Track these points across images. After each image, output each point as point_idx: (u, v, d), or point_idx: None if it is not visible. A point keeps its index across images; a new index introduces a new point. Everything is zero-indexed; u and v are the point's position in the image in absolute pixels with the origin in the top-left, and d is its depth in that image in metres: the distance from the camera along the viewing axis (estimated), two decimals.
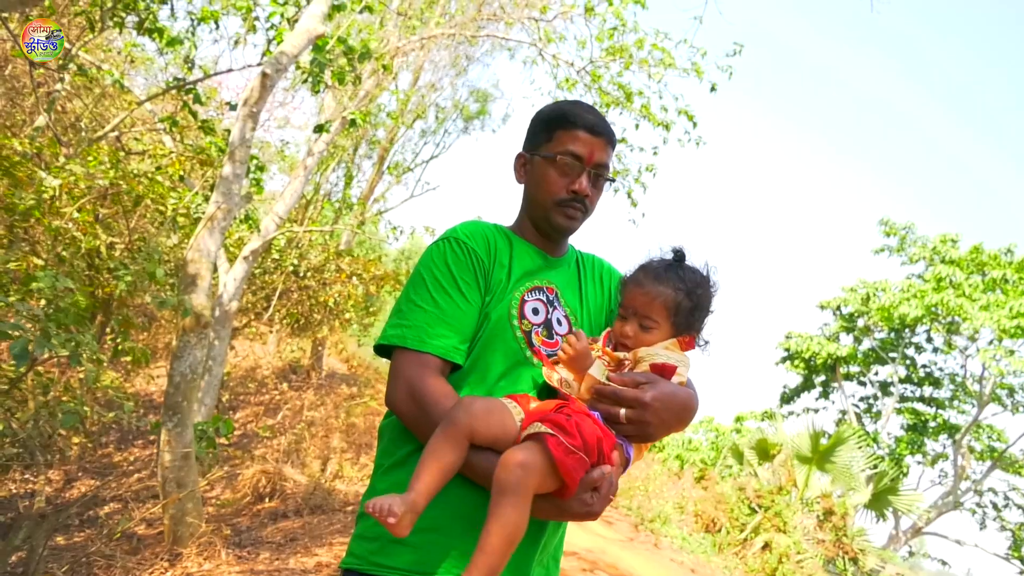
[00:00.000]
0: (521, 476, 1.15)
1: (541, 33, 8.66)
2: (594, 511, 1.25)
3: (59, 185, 4.56)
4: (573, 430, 1.21)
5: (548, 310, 1.54)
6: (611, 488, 1.27)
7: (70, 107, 8.49)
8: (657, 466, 12.19)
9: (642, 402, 1.29)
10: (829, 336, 18.39)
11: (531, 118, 1.66)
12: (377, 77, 8.90)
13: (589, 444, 1.21)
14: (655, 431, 1.31)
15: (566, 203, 1.56)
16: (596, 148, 1.56)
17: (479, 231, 1.56)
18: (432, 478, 1.20)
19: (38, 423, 3.88)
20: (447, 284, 1.46)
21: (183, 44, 7.31)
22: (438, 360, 1.40)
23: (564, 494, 1.21)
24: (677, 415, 1.35)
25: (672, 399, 1.33)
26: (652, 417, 1.29)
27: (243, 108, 4.83)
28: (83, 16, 6.29)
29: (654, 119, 7.84)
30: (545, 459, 1.18)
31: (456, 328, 1.43)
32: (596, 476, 1.23)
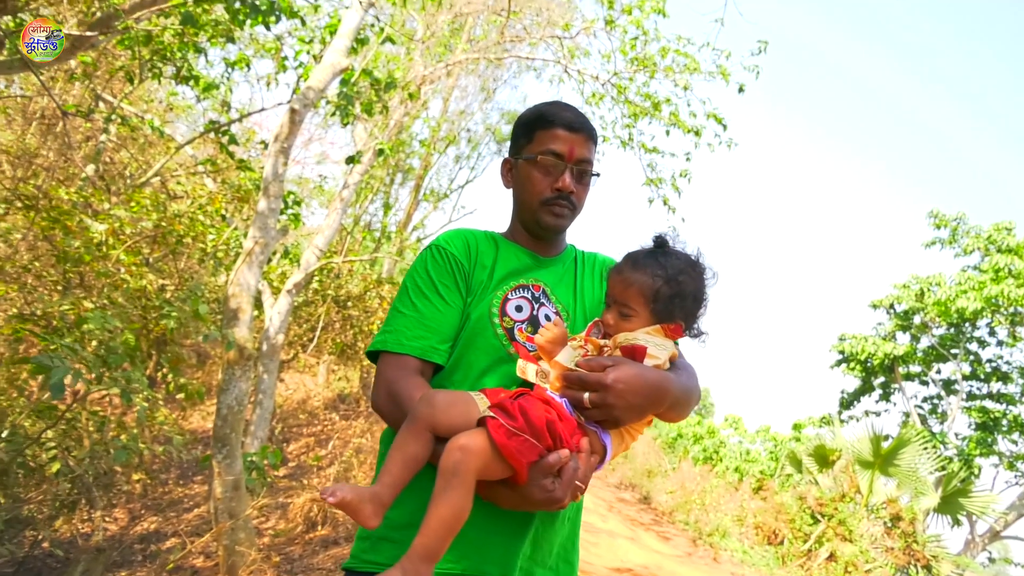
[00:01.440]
0: (460, 459, 1.15)
1: (565, 50, 8.71)
2: (555, 497, 1.22)
3: (106, 230, 4.74)
4: (515, 412, 1.20)
5: (534, 307, 1.54)
6: (575, 474, 1.24)
7: (117, 157, 8.86)
8: (714, 479, 11.92)
9: (603, 384, 1.26)
10: (885, 336, 17.81)
11: (513, 123, 1.69)
12: (406, 106, 9.06)
13: (536, 426, 1.20)
14: (621, 413, 1.27)
15: (552, 201, 1.58)
16: (576, 144, 1.57)
17: (459, 236, 1.60)
18: (396, 469, 1.22)
19: (93, 460, 4.00)
20: (427, 289, 1.51)
21: (219, 89, 7.59)
22: (417, 361, 1.45)
23: (517, 480, 1.20)
24: (646, 396, 1.29)
25: (637, 380, 1.28)
26: (615, 399, 1.26)
27: (274, 144, 4.97)
28: (123, 70, 6.60)
29: (684, 125, 7.79)
30: (487, 443, 1.17)
31: (434, 329, 1.47)
32: (552, 460, 1.21)
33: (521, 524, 1.39)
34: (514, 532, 1.38)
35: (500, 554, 1.37)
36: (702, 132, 7.80)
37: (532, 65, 11.49)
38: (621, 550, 7.11)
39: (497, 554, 1.37)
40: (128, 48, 6.15)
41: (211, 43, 6.54)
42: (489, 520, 1.35)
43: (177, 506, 8.53)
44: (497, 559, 1.36)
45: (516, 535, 1.39)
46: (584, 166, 1.59)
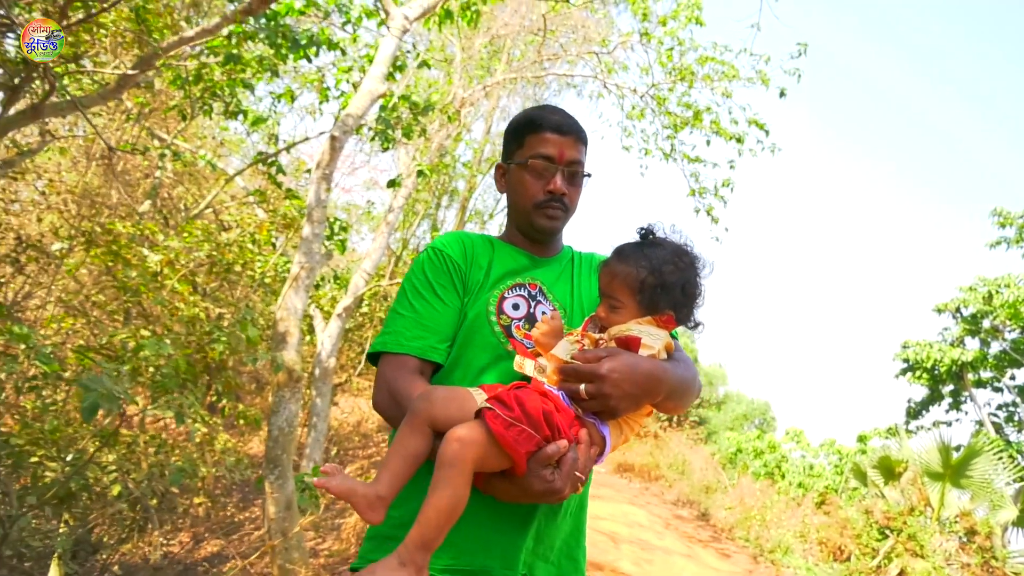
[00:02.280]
0: (458, 449, 1.17)
1: (602, 66, 8.74)
2: (555, 488, 1.23)
3: (160, 260, 4.94)
4: (512, 403, 1.21)
5: (530, 304, 1.56)
6: (575, 465, 1.25)
7: (175, 192, 9.24)
8: (775, 494, 11.58)
9: (598, 375, 1.27)
10: (952, 342, 17.08)
11: (505, 129, 1.72)
12: (447, 129, 9.20)
13: (533, 417, 1.20)
14: (617, 403, 1.28)
15: (545, 204, 1.61)
16: (566, 147, 1.60)
17: (456, 239, 1.63)
18: (396, 465, 1.24)
19: (151, 482, 4.14)
20: (424, 290, 1.54)
21: (266, 122, 7.86)
22: (416, 360, 1.47)
23: (516, 471, 1.21)
24: (641, 386, 1.30)
25: (631, 369, 1.29)
26: (611, 389, 1.27)
27: (316, 171, 5.11)
28: (176, 108, 6.90)
29: (725, 133, 7.70)
30: (485, 434, 1.19)
31: (433, 329, 1.50)
32: (550, 451, 1.21)
33: (523, 518, 1.40)
34: (516, 527, 1.39)
35: (502, 549, 1.38)
36: (744, 139, 7.70)
37: (571, 82, 11.55)
38: (677, 567, 6.96)
39: (499, 549, 1.38)
40: (180, 87, 6.44)
41: (256, 79, 6.78)
42: (491, 515, 1.37)
43: (239, 529, 8.74)
44: (499, 554, 1.38)
45: (518, 530, 1.40)
46: (575, 167, 1.62)
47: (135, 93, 6.90)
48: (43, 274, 7.17)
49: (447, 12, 6.44)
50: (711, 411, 24.76)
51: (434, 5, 5.66)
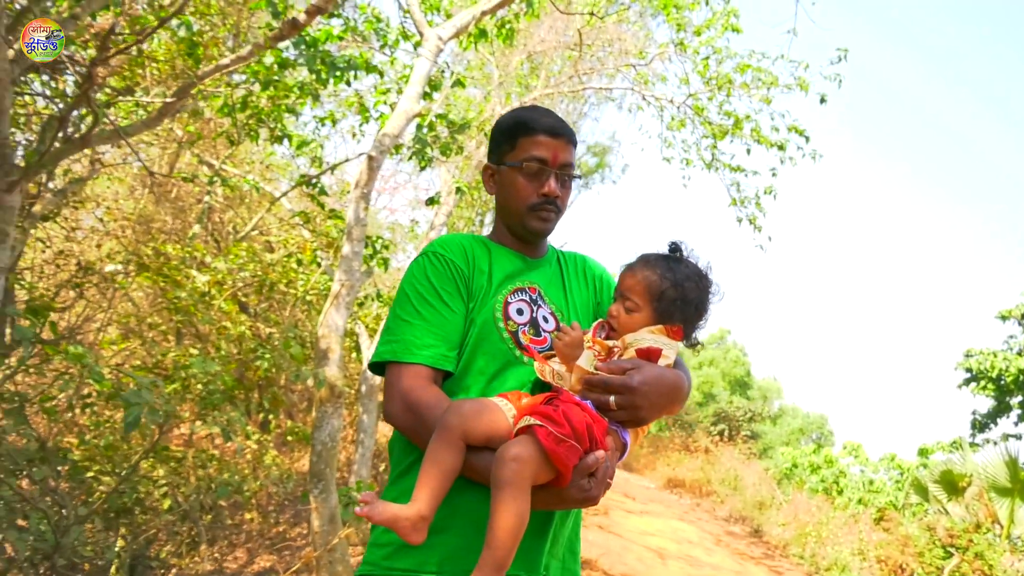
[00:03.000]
0: (517, 469, 1.19)
1: (640, 78, 8.73)
2: (592, 495, 1.27)
3: (207, 281, 5.12)
4: (561, 419, 1.23)
5: (533, 309, 1.58)
6: (607, 472, 1.29)
7: (227, 217, 9.55)
8: (831, 510, 11.22)
9: (630, 387, 1.31)
10: (1019, 350, 16.34)
11: (492, 129, 1.73)
12: (486, 146, 9.28)
13: (579, 431, 1.24)
14: (647, 414, 1.34)
15: (538, 207, 1.62)
16: (559, 150, 1.61)
17: (455, 242, 1.63)
18: (434, 483, 1.25)
19: (199, 496, 4.27)
20: (430, 296, 1.52)
21: (310, 145, 8.08)
22: (428, 369, 1.46)
23: (560, 483, 1.24)
24: (667, 396, 1.36)
25: (659, 381, 1.35)
26: (641, 401, 1.31)
27: (355, 191, 5.23)
28: (223, 136, 7.15)
29: (766, 141, 7.60)
30: (537, 450, 1.21)
31: (442, 337, 1.49)
32: (590, 462, 1.25)
33: (543, 523, 1.42)
34: (537, 532, 1.41)
35: (525, 554, 1.39)
36: (786, 146, 7.58)
37: (610, 96, 11.54)
38: None
39: (523, 554, 1.38)
40: (227, 114, 6.68)
41: (300, 105, 6.99)
42: None
43: (290, 545, 8.90)
44: (522, 559, 1.38)
45: (540, 534, 1.42)
46: (567, 170, 1.63)
47: (185, 122, 7.19)
48: (102, 298, 7.49)
49: (481, 31, 6.54)
50: (765, 425, 24.17)
51: (467, 25, 5.75)
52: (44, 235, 7.93)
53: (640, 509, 10.01)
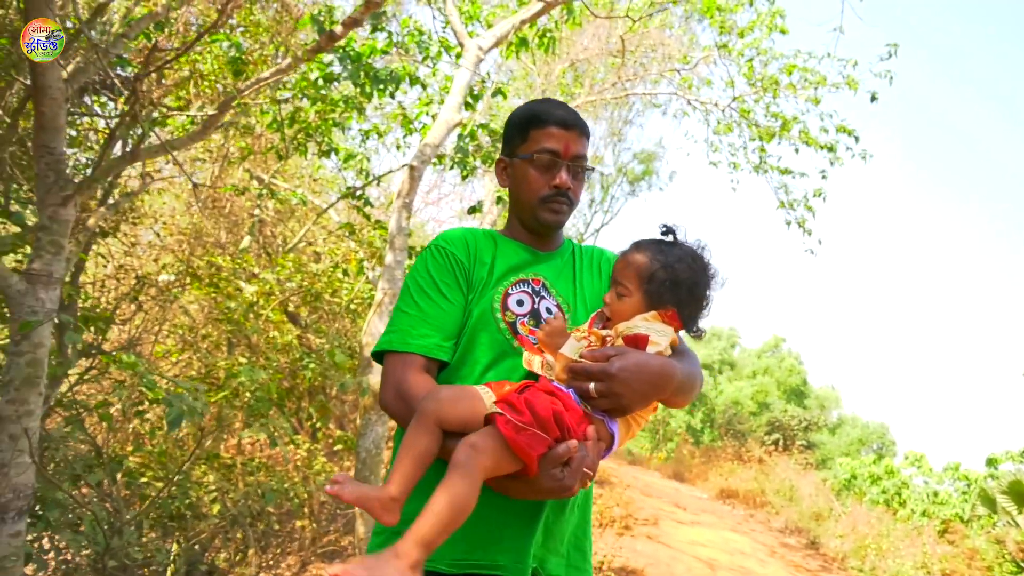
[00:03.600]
0: (470, 455, 1.18)
1: (683, 82, 8.64)
2: (566, 485, 1.23)
3: (255, 291, 5.24)
4: (522, 407, 1.21)
5: (535, 300, 1.56)
6: (583, 462, 1.24)
7: (278, 230, 9.79)
8: (892, 522, 10.81)
9: (609, 374, 1.27)
10: None
11: (505, 123, 1.73)
12: None
13: (543, 419, 1.21)
14: (628, 401, 1.29)
15: (550, 199, 1.61)
16: (571, 141, 1.60)
17: (459, 235, 1.64)
18: (406, 466, 1.25)
19: (247, 502, 4.36)
20: (428, 288, 1.55)
21: (356, 158, 8.23)
22: (422, 359, 1.48)
23: (529, 472, 1.21)
24: (650, 383, 1.31)
25: (642, 368, 1.30)
26: (621, 388, 1.27)
27: (397, 201, 5.29)
28: (273, 151, 7.35)
29: (814, 142, 7.41)
30: (498, 440, 1.19)
31: (437, 327, 1.51)
32: (560, 451, 1.21)
33: (532, 514, 1.40)
34: (525, 522, 1.39)
35: (512, 544, 1.38)
36: (836, 147, 7.38)
37: (655, 102, 11.45)
38: None
39: (509, 544, 1.38)
40: (276, 130, 6.86)
41: (347, 120, 7.13)
42: (501, 512, 1.37)
43: (342, 553, 9.01)
44: (509, 549, 1.38)
45: (527, 525, 1.40)
46: (579, 162, 1.62)
47: (236, 138, 7.41)
48: (160, 310, 7.74)
49: (522, 40, 6.57)
50: (823, 435, 23.46)
51: (506, 34, 5.78)
52: (105, 250, 8.27)
53: (691, 519, 9.82)
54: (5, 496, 2.90)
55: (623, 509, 8.85)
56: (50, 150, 3.00)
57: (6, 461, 2.91)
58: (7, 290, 2.92)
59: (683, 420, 26.26)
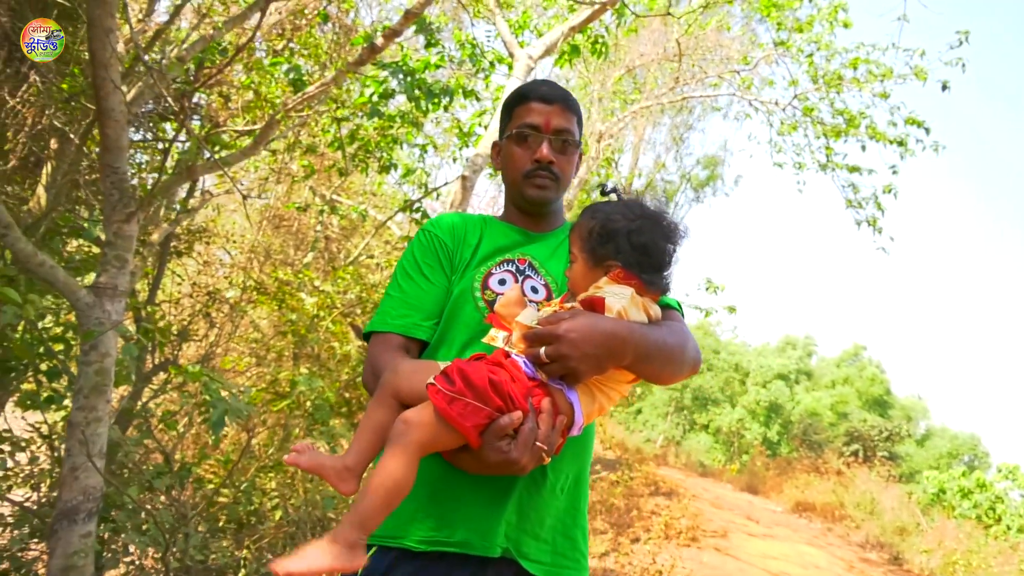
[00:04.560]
0: (403, 429, 1.16)
1: (742, 83, 8.47)
2: (512, 458, 1.18)
3: (315, 303, 5.39)
4: (455, 376, 1.18)
5: (517, 279, 1.54)
6: (532, 434, 1.19)
7: (342, 245, 10.07)
8: (982, 537, 10.18)
9: (556, 335, 1.21)
10: None
11: (501, 110, 1.73)
12: (588, 163, 9.28)
13: (477, 387, 1.16)
14: (577, 364, 1.21)
15: (533, 173, 1.60)
16: (552, 115, 1.59)
17: (448, 219, 1.65)
18: (363, 438, 1.25)
19: (307, 508, 4.46)
20: (412, 270, 1.57)
21: (415, 172, 8.39)
22: (400, 338, 1.49)
23: (471, 444, 1.17)
24: (601, 345, 1.22)
25: (591, 328, 1.22)
26: (568, 349, 1.20)
27: (450, 211, 5.36)
28: (334, 168, 7.57)
29: (882, 137, 7.11)
30: (433, 413, 1.17)
31: (417, 307, 1.52)
32: (503, 422, 1.17)
33: (500, 491, 1.36)
34: (493, 500, 1.36)
35: (480, 522, 1.35)
36: (907, 141, 7.07)
37: (715, 104, 11.24)
38: None
39: (477, 523, 1.35)
40: (337, 148, 7.06)
41: (408, 137, 7.28)
42: (469, 489, 1.35)
43: None
44: (477, 527, 1.34)
45: (495, 503, 1.36)
46: (563, 135, 1.60)
47: (300, 158, 7.67)
48: (231, 325, 8.06)
49: (573, 48, 6.56)
50: (909, 447, 22.31)
51: (555, 42, 5.80)
52: (181, 270, 8.68)
53: (763, 532, 9.49)
54: (76, 498, 3.05)
55: (690, 520, 8.63)
56: (114, 169, 3.17)
57: (77, 465, 3.06)
58: (76, 303, 3.09)
59: (758, 432, 25.47)
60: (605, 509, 8.64)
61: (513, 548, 1.37)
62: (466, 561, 1.34)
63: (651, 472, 11.94)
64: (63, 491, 3.07)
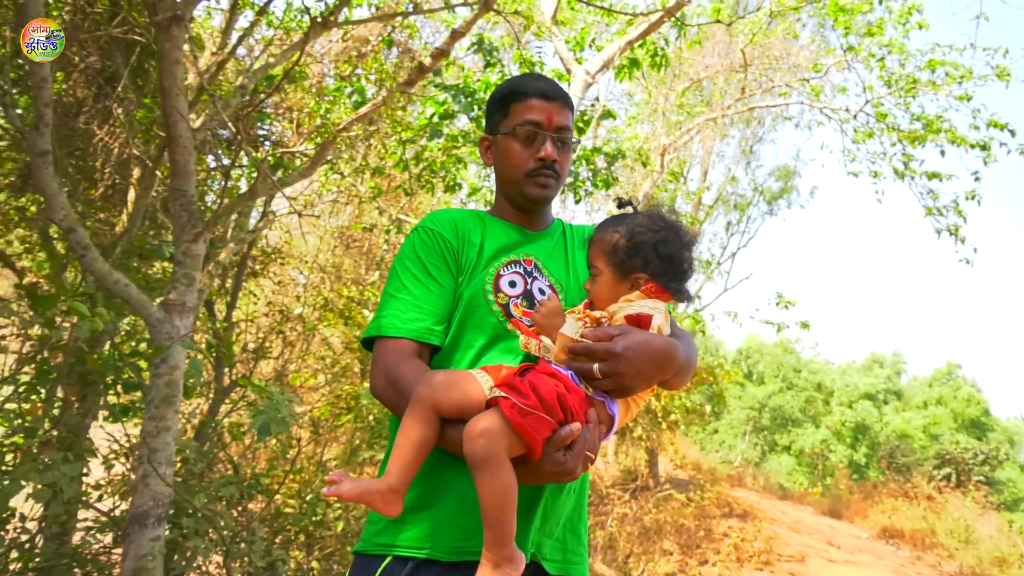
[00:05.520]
0: (487, 444, 1.16)
1: (811, 91, 8.24)
2: (568, 469, 1.21)
3: None
4: (527, 390, 1.18)
5: (527, 281, 1.51)
6: (586, 445, 1.22)
7: None
8: None
9: (613, 353, 1.22)
10: None
11: (487, 102, 1.70)
12: (653, 177, 9.20)
13: (548, 402, 1.18)
14: (632, 381, 1.24)
15: (536, 172, 1.57)
16: (553, 112, 1.57)
17: (446, 216, 1.61)
18: (405, 456, 1.24)
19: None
20: (417, 271, 1.51)
21: (481, 190, 8.51)
22: (413, 343, 1.44)
23: (532, 456, 1.18)
24: (654, 363, 1.26)
25: (646, 347, 1.25)
26: (625, 367, 1.22)
27: None
28: (401, 188, 7.76)
29: (964, 141, 6.76)
30: (505, 423, 1.16)
31: (428, 311, 1.46)
32: (564, 434, 1.19)
33: (532, 498, 1.36)
34: (525, 507, 1.34)
35: None
36: (990, 145, 6.70)
37: (785, 114, 10.97)
38: None
39: None
40: (404, 169, 7.26)
41: (472, 156, 7.41)
42: None
43: None
44: None
45: (528, 509, 1.35)
46: (564, 134, 1.58)
47: (367, 180, 7.91)
48: (303, 343, 8.35)
49: (632, 61, 6.55)
50: (1009, 471, 20.84)
51: (612, 57, 5.81)
52: (258, 289, 9.07)
53: (844, 558, 9.04)
54: (146, 504, 3.22)
55: (763, 544, 8.32)
56: (182, 192, 3.36)
57: (147, 472, 3.23)
58: (148, 319, 3.28)
59: (844, 454, 24.35)
60: (674, 530, 8.44)
61: (537, 551, 1.39)
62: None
63: (724, 493, 11.58)
64: (135, 497, 3.24)
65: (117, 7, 4.32)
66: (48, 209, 2.94)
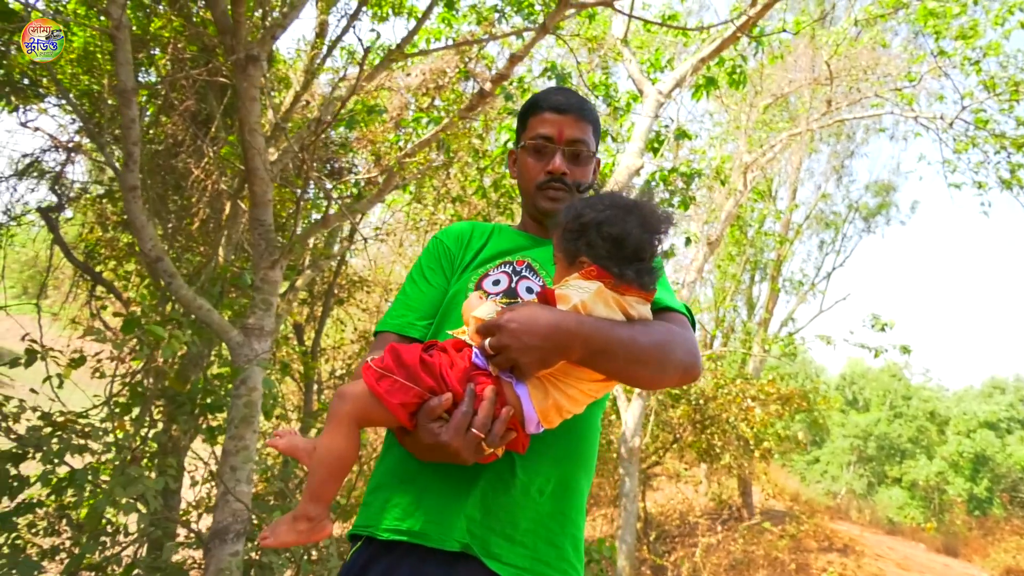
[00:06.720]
0: (337, 405, 1.23)
1: (902, 100, 7.86)
2: (442, 441, 1.17)
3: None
4: (388, 356, 1.21)
5: (512, 280, 1.52)
6: (466, 419, 1.18)
7: None
8: None
9: (497, 325, 1.19)
10: None
11: None
12: (736, 196, 8.97)
13: (408, 366, 1.19)
14: (519, 355, 1.17)
15: (546, 185, 1.58)
16: (565, 125, 1.57)
17: (458, 227, 1.68)
18: None
19: None
20: (416, 275, 1.61)
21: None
22: (395, 336, 1.52)
23: (402, 423, 1.20)
24: (543, 336, 1.17)
25: (531, 319, 1.18)
26: (508, 339, 1.17)
27: None
28: (480, 215, 7.91)
29: None
30: (366, 388, 1.20)
31: (414, 307, 1.56)
32: (433, 404, 1.18)
33: (462, 484, 1.33)
34: (453, 492, 1.32)
35: (438, 514, 1.32)
36: None
37: (879, 126, 10.48)
38: None
39: (435, 514, 1.32)
40: (483, 197, 7.40)
41: None
42: (430, 480, 1.34)
43: None
44: (434, 519, 1.31)
45: (455, 495, 1.32)
46: (577, 147, 1.57)
47: (447, 207, 8.10)
48: None
49: (709, 80, 6.45)
50: None
51: (684, 76, 5.74)
52: (347, 317, 9.41)
53: None
54: (226, 519, 3.36)
55: None
56: (260, 222, 3.55)
57: (228, 489, 3.38)
58: (228, 342, 3.46)
59: (963, 487, 22.64)
60: (767, 562, 8.04)
61: (478, 547, 1.31)
62: (433, 556, 1.31)
63: (823, 525, 10.95)
64: (216, 512, 3.39)
65: (211, 53, 4.65)
66: (138, 240, 3.17)
